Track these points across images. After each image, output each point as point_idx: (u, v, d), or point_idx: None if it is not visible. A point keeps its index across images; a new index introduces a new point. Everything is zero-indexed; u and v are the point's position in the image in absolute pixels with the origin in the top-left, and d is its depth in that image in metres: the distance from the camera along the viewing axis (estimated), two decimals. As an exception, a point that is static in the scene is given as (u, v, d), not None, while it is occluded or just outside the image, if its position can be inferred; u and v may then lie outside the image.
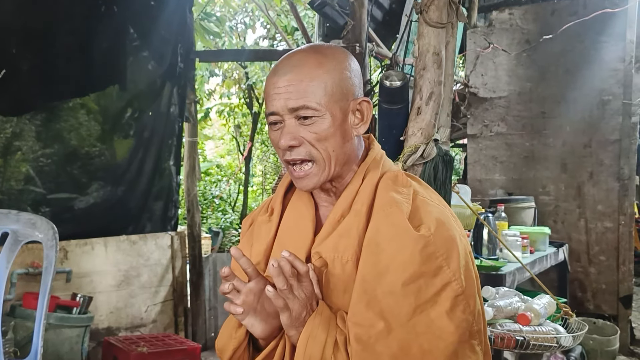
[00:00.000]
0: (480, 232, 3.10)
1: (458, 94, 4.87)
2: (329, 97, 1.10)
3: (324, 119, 1.10)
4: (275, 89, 1.11)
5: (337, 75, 1.12)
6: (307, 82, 1.09)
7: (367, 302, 1.04)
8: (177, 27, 4.29)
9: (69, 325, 3.26)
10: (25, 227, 2.25)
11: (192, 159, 4.62)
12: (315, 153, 1.12)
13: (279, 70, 1.12)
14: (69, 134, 3.85)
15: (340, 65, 1.13)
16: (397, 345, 1.03)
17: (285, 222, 1.22)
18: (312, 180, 1.14)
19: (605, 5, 4.18)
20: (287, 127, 1.11)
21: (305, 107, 1.09)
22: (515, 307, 2.42)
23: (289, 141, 1.11)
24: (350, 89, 1.14)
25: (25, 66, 3.61)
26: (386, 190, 1.13)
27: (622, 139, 4.30)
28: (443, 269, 1.05)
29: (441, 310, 1.04)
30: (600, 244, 4.40)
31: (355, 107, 1.15)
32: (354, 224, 1.11)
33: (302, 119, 1.10)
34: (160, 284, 4.07)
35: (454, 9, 2.36)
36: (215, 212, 9.95)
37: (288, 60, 1.14)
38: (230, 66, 9.37)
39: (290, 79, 1.10)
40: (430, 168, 2.36)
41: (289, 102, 1.09)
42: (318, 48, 1.16)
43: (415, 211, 1.11)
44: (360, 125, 1.16)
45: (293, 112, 1.10)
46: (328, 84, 1.10)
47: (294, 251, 1.15)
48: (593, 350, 3.84)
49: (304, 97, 1.09)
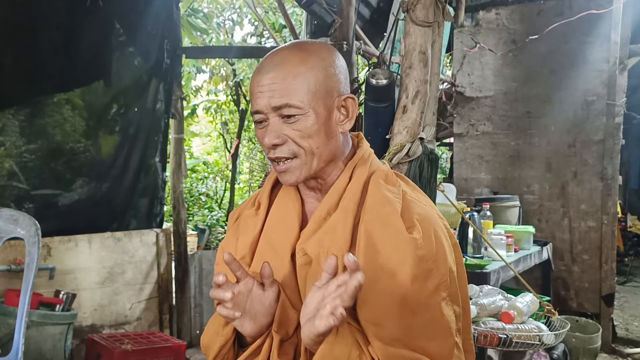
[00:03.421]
0: (465, 231, 3.12)
1: (445, 93, 4.89)
2: (312, 95, 1.09)
3: (307, 116, 1.10)
4: (259, 87, 1.10)
5: (321, 72, 1.11)
6: (290, 79, 1.09)
7: (369, 304, 1.05)
8: (163, 22, 4.26)
9: (51, 322, 3.22)
10: (7, 223, 2.23)
11: (178, 155, 4.59)
12: (298, 150, 1.11)
13: (262, 69, 1.12)
14: (53, 130, 3.81)
15: (324, 62, 1.12)
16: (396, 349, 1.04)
17: (271, 217, 1.22)
18: (294, 174, 1.13)
19: (590, 7, 4.23)
20: (272, 125, 1.11)
21: (288, 105, 1.08)
22: (499, 305, 2.44)
23: (272, 139, 1.10)
24: (335, 85, 1.13)
25: (9, 60, 3.56)
26: (378, 188, 1.13)
27: (606, 139, 4.35)
28: (433, 272, 1.06)
29: (436, 313, 1.06)
30: (583, 242, 4.45)
31: (340, 103, 1.14)
32: (341, 221, 1.11)
33: (286, 117, 1.09)
34: (145, 281, 4.05)
35: (441, 8, 2.37)
36: (201, 209, 9.90)
37: (272, 58, 1.13)
38: (218, 63, 9.32)
39: (273, 77, 1.09)
40: (416, 166, 2.37)
41: (272, 100, 1.09)
42: (302, 45, 1.15)
43: (405, 212, 1.11)
44: (345, 122, 1.15)
45: (276, 110, 1.09)
46: (311, 82, 1.10)
47: (279, 246, 1.16)
48: (575, 348, 3.88)
49: (287, 95, 1.08)
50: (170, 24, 4.31)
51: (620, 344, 4.43)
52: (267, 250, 1.18)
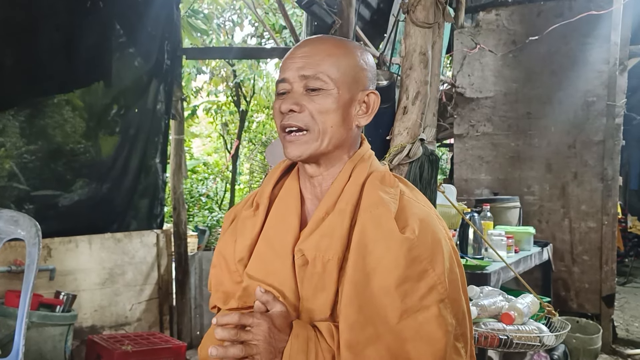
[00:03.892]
0: (465, 232, 3.12)
1: (445, 94, 4.89)
2: (340, 76, 1.12)
3: (330, 94, 1.11)
4: (291, 58, 1.14)
5: (353, 61, 1.15)
6: (323, 55, 1.12)
7: (359, 305, 1.04)
8: (164, 23, 4.26)
9: (52, 323, 3.22)
10: (7, 224, 2.23)
11: (178, 156, 4.59)
12: (312, 123, 1.12)
13: (298, 46, 1.16)
14: (53, 131, 3.81)
15: (356, 54, 1.16)
16: (386, 351, 1.02)
17: (272, 217, 1.20)
18: (300, 148, 1.12)
19: (590, 8, 4.23)
20: (293, 93, 1.13)
21: (316, 77, 1.11)
22: (499, 306, 2.44)
23: (290, 105, 1.12)
24: (363, 79, 1.16)
25: (9, 61, 3.56)
26: (374, 189, 1.12)
27: (606, 140, 4.35)
28: (428, 272, 1.05)
29: (428, 315, 1.04)
30: (583, 243, 4.45)
31: (363, 98, 1.16)
32: (338, 223, 1.10)
33: (310, 90, 1.11)
34: (145, 282, 4.05)
35: (441, 9, 2.37)
36: (201, 210, 9.90)
37: (309, 39, 1.18)
38: (218, 64, 9.33)
39: (307, 51, 1.14)
40: (416, 167, 2.37)
41: (302, 70, 1.12)
42: (339, 38, 1.22)
43: (401, 212, 1.10)
44: (363, 116, 1.17)
45: (303, 79, 1.12)
46: (342, 64, 1.13)
47: (280, 246, 1.14)
48: (576, 349, 3.88)
49: (317, 67, 1.11)
50: (171, 25, 4.32)
51: (621, 345, 4.43)
52: (266, 251, 1.17)
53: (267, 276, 1.14)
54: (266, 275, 1.15)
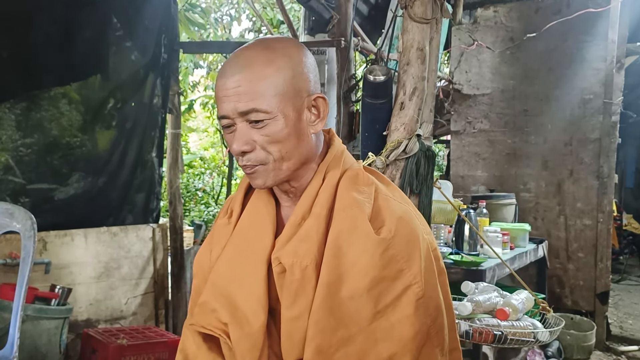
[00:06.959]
0: (461, 228, 3.13)
1: (442, 90, 4.90)
2: (280, 97, 1.04)
3: (276, 120, 1.04)
4: (224, 91, 1.04)
5: (289, 73, 1.05)
6: (256, 83, 1.03)
7: (329, 308, 1.02)
8: (161, 17, 4.24)
9: (47, 316, 3.22)
10: (2, 217, 2.22)
11: (175, 151, 4.58)
12: (266, 157, 1.07)
13: (227, 71, 1.05)
14: (49, 124, 3.79)
15: (292, 62, 1.06)
16: (356, 354, 1.01)
17: (241, 222, 1.17)
18: (262, 178, 1.09)
19: (588, 5, 4.23)
20: (239, 130, 1.06)
21: (255, 110, 1.03)
22: (494, 302, 2.45)
23: (241, 146, 1.06)
24: (304, 85, 1.07)
25: (5, 54, 3.54)
26: (347, 190, 1.09)
27: (602, 138, 4.36)
28: (404, 272, 1.03)
29: (401, 315, 1.02)
30: (579, 241, 4.47)
31: (310, 103, 1.09)
32: (314, 228, 1.07)
33: (254, 122, 1.04)
34: (141, 276, 4.05)
35: (439, 5, 2.37)
36: (198, 204, 9.89)
37: (236, 59, 1.06)
38: (215, 58, 9.30)
39: (238, 80, 1.03)
40: (413, 163, 2.37)
41: (239, 105, 1.03)
42: (268, 43, 1.08)
43: (378, 210, 1.08)
44: (317, 122, 1.10)
45: (243, 115, 1.04)
46: (279, 84, 1.04)
47: (250, 252, 1.12)
48: (570, 345, 3.91)
49: (254, 99, 1.03)
50: (168, 18, 4.30)
51: (615, 342, 4.45)
52: (236, 256, 1.14)
53: (231, 282, 1.12)
54: (230, 281, 1.12)
